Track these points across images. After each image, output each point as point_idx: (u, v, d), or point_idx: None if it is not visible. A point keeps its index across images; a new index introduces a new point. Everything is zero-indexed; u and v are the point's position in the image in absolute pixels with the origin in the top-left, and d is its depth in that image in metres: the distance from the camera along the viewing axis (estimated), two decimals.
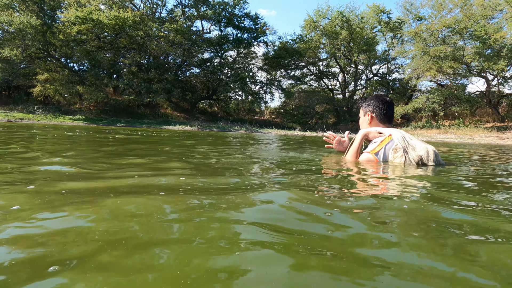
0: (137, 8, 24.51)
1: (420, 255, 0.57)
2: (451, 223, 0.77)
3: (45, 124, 14.79)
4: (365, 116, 2.26)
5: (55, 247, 0.55)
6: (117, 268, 0.49)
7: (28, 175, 1.24)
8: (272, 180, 1.32)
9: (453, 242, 0.65)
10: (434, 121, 23.04)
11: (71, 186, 1.05)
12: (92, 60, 21.95)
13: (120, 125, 19.19)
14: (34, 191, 0.96)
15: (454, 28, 20.86)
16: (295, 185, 1.20)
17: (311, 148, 3.93)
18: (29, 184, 1.06)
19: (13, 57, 19.24)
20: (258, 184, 1.21)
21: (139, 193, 0.98)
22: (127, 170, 1.47)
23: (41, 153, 2.09)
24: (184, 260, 0.52)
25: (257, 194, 1.00)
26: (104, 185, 1.09)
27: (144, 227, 0.66)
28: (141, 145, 3.28)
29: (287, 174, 1.51)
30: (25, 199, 0.86)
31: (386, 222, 0.77)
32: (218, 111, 31.83)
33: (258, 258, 0.53)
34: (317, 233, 0.67)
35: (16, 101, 21.88)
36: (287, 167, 1.82)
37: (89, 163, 1.67)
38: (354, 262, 0.53)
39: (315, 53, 29.71)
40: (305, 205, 0.89)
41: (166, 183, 1.17)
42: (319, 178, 1.41)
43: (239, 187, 1.15)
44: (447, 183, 1.37)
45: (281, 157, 2.52)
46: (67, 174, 1.30)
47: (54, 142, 3.20)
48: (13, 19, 18.25)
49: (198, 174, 1.40)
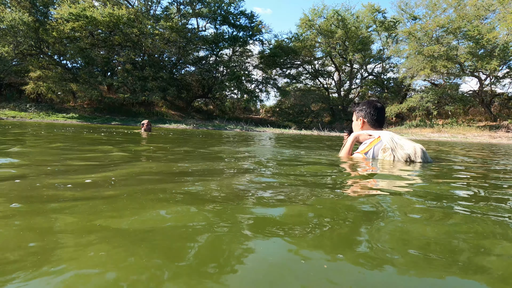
0: (132, 5, 24.27)
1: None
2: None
3: (38, 122, 14.61)
4: (358, 121, 2.41)
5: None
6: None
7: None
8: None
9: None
10: (428, 120, 23.28)
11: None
12: (86, 57, 21.70)
13: (114, 123, 19.04)
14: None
15: (447, 28, 21.09)
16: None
17: (329, 150, 3.94)
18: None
19: (5, 54, 18.94)
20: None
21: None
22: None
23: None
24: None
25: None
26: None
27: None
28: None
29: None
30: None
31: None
32: (214, 109, 31.74)
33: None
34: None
35: (8, 99, 21.55)
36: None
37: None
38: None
39: (310, 52, 29.76)
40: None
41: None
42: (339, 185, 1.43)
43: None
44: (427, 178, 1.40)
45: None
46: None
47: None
48: (4, 16, 17.96)
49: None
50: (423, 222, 0.76)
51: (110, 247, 0.55)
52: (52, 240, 0.58)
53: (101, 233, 0.62)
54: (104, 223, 0.67)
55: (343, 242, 0.62)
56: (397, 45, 27.67)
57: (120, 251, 0.53)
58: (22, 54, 21.36)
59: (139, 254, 0.52)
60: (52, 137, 3.73)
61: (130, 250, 0.54)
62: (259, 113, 34.83)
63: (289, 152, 2.89)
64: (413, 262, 0.54)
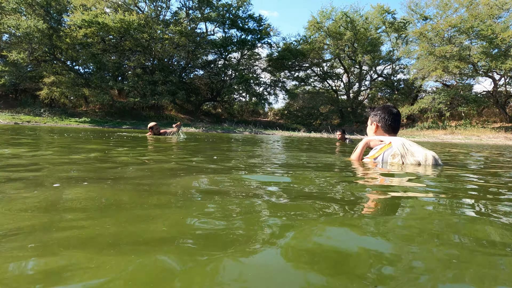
0: (142, 11, 24.69)
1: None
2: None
3: (52, 126, 14.93)
4: (371, 125, 2.41)
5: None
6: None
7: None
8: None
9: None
10: (440, 121, 22.82)
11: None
12: (98, 63, 22.14)
13: (125, 127, 19.31)
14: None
15: (460, 28, 20.68)
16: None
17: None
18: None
19: (20, 60, 19.47)
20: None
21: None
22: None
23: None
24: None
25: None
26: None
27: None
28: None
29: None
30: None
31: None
32: (222, 112, 31.90)
33: None
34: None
35: (23, 104, 22.12)
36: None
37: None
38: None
39: (319, 54, 29.66)
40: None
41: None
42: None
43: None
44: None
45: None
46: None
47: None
48: (20, 23, 18.50)
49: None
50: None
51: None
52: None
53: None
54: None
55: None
56: (407, 46, 27.32)
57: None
58: (36, 60, 21.95)
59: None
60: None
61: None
62: (267, 115, 34.82)
63: (306, 155, 2.85)
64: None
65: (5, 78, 20.26)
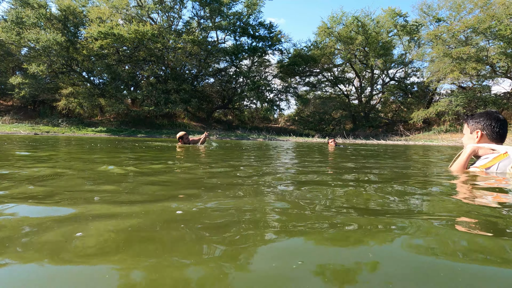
0: (155, 21, 25.19)
1: None
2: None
3: (69, 136, 15.19)
4: (472, 134, 2.16)
5: None
6: None
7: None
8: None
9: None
10: (458, 124, 22.25)
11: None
12: (112, 73, 22.60)
13: (140, 135, 19.51)
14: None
15: (476, 29, 20.28)
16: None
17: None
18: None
19: (39, 72, 20.05)
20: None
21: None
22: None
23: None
24: None
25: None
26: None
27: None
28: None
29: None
30: None
31: None
32: (233, 119, 31.98)
33: None
34: None
35: (42, 115, 22.69)
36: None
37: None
38: None
39: (330, 59, 29.55)
40: None
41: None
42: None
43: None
44: None
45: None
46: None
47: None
48: (40, 37, 19.10)
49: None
50: None
51: None
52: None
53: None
54: None
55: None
56: (419, 48, 26.96)
57: None
58: (54, 72, 22.57)
59: None
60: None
61: None
62: (278, 122, 34.72)
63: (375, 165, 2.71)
64: None
65: (25, 90, 20.87)
